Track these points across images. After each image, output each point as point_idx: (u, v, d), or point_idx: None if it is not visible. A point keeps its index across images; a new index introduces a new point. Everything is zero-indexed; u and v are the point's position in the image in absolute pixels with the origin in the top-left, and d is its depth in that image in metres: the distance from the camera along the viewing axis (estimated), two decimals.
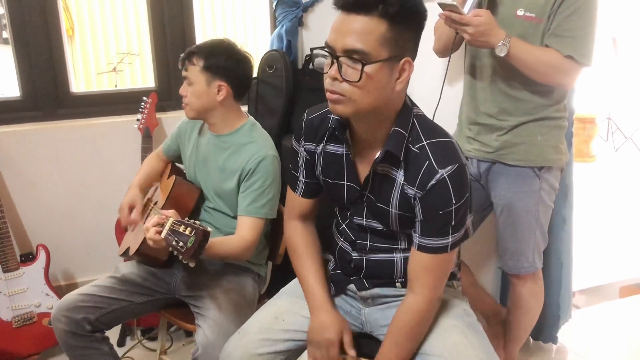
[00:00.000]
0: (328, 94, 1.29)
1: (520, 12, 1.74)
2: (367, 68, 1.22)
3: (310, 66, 1.37)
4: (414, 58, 1.29)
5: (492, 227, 2.09)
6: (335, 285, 1.61)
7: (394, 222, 1.42)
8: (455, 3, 1.69)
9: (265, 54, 2.58)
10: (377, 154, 1.35)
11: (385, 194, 1.40)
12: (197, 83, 1.84)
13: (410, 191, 1.34)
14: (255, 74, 2.61)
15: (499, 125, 1.87)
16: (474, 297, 2.26)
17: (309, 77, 2.48)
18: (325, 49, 1.26)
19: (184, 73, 1.86)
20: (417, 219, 1.36)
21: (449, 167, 1.29)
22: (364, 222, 1.48)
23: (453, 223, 1.33)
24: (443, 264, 1.39)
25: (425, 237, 1.36)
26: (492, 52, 1.75)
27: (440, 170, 1.29)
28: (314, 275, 1.56)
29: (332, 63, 1.25)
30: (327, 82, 1.27)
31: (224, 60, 1.85)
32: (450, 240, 1.35)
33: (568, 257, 2.33)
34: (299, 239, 1.61)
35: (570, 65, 1.70)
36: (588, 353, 2.51)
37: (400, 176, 1.36)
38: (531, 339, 2.54)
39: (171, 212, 1.62)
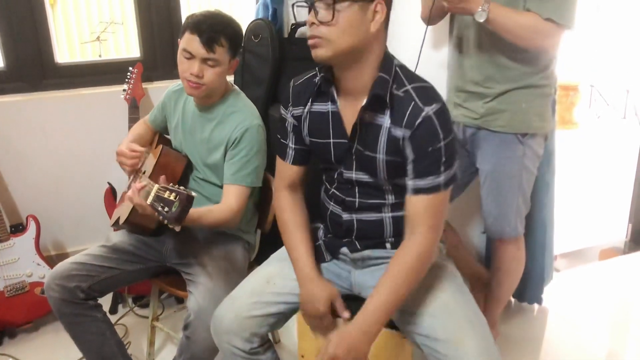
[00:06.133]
0: (309, 41, 1.37)
1: None
2: (338, 6, 1.31)
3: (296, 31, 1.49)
4: (386, 1, 1.36)
5: (478, 192, 2.13)
6: (328, 249, 1.65)
7: (381, 170, 1.46)
8: None
9: (250, 23, 2.57)
10: (364, 101, 1.41)
11: (372, 141, 1.44)
12: (223, 63, 1.81)
13: (399, 132, 1.39)
14: None
15: (485, 93, 1.89)
16: (459, 259, 2.32)
17: (295, 46, 2.48)
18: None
19: (209, 55, 1.77)
20: (408, 161, 1.41)
21: (434, 105, 1.36)
22: (353, 176, 1.52)
23: (443, 159, 1.38)
24: (439, 203, 1.43)
25: (419, 178, 1.40)
26: (477, 22, 1.75)
27: (425, 108, 1.36)
28: (302, 247, 1.59)
29: (310, 10, 1.34)
30: (308, 30, 1.37)
31: (241, 34, 1.87)
32: (442, 177, 1.40)
33: (551, 221, 2.39)
34: (288, 210, 1.63)
35: (550, 27, 1.69)
36: (568, 314, 2.58)
37: (386, 120, 1.41)
38: (513, 301, 2.61)
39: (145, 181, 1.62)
